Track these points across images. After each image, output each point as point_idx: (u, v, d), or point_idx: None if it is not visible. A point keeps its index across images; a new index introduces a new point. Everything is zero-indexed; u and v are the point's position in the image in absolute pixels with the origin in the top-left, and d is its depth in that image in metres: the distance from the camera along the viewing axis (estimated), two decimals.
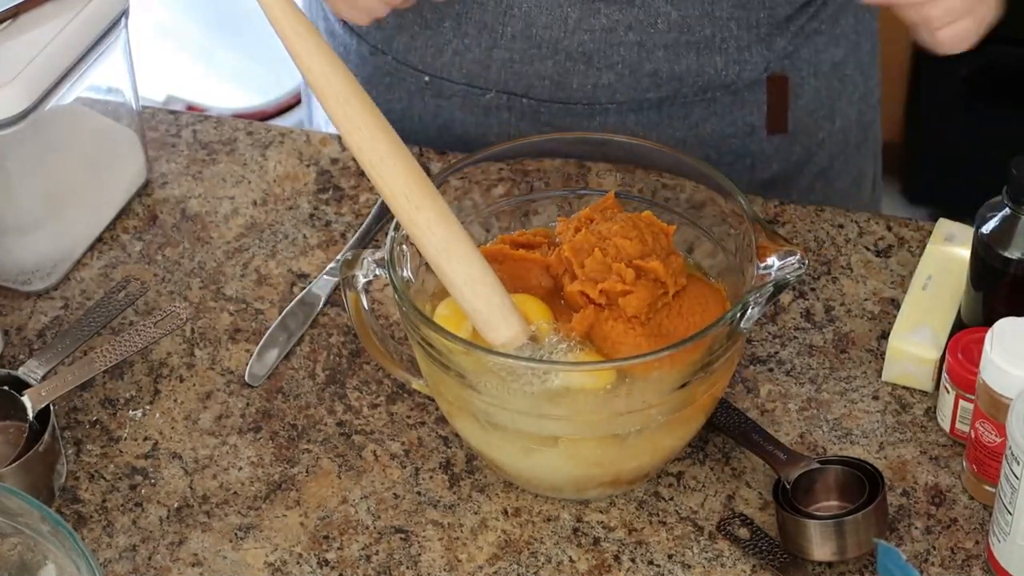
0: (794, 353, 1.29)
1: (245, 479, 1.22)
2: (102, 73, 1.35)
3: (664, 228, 1.19)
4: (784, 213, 1.40)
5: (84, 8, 1.31)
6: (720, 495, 1.20)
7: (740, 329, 1.12)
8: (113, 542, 1.18)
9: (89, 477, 1.22)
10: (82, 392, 1.27)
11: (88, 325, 1.26)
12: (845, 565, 1.16)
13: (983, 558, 1.16)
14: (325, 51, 1.11)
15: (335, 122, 1.12)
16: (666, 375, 1.11)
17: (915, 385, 1.26)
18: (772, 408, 1.25)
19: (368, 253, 1.18)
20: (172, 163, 1.46)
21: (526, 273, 1.20)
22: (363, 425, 1.25)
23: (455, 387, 1.14)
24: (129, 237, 1.40)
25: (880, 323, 1.31)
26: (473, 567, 1.17)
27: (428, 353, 1.14)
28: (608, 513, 1.19)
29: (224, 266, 1.37)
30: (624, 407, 1.12)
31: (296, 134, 1.48)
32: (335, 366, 1.29)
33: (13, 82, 1.25)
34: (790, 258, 1.12)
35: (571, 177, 1.25)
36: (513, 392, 1.12)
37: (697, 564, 1.16)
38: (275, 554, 1.17)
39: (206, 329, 1.32)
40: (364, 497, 1.21)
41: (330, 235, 1.39)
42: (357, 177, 1.44)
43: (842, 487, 1.17)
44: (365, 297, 1.18)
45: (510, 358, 1.12)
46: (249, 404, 1.27)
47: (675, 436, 1.17)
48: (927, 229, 1.37)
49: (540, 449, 1.15)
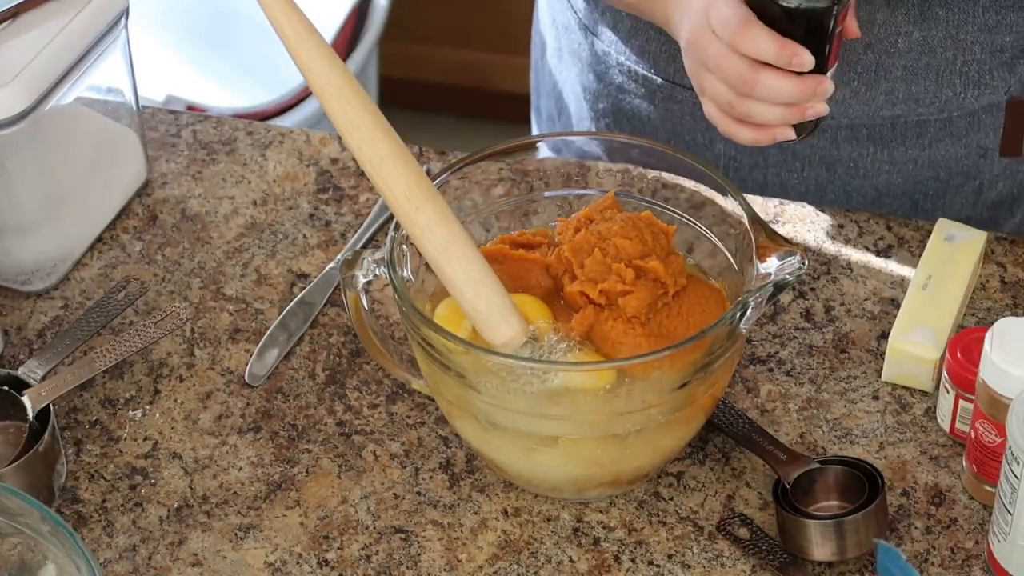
0: (794, 353, 1.29)
1: (245, 479, 1.22)
2: (102, 73, 1.35)
3: (664, 228, 1.19)
4: (784, 213, 1.40)
5: (84, 8, 1.31)
6: (720, 495, 1.20)
7: (740, 329, 1.12)
8: (113, 542, 1.18)
9: (89, 477, 1.22)
10: (82, 392, 1.27)
11: (88, 325, 1.27)
12: (845, 565, 1.16)
13: (983, 558, 1.16)
14: (325, 51, 1.11)
15: (335, 122, 1.12)
16: (666, 375, 1.11)
17: (915, 385, 1.26)
18: (772, 408, 1.25)
19: (368, 253, 1.18)
20: (172, 163, 1.46)
21: (526, 273, 1.20)
22: (363, 425, 1.25)
23: (455, 387, 1.14)
24: (129, 237, 1.40)
25: (880, 323, 1.31)
26: (473, 567, 1.17)
27: (428, 353, 1.14)
28: (608, 513, 1.19)
29: (224, 266, 1.37)
30: (624, 407, 1.12)
31: (296, 134, 1.48)
32: (335, 366, 1.29)
33: (13, 82, 1.25)
34: (790, 258, 1.12)
35: (571, 177, 1.25)
36: (513, 392, 1.12)
37: (697, 564, 1.16)
38: (275, 554, 1.17)
39: (206, 329, 1.32)
40: (364, 497, 1.21)
41: (330, 235, 1.39)
42: (357, 177, 1.44)
43: (842, 487, 1.17)
44: (365, 297, 1.18)
45: (510, 358, 1.12)
46: (249, 404, 1.27)
47: (675, 436, 1.17)
48: (927, 229, 1.37)
49: (540, 449, 1.15)
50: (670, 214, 1.22)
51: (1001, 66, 1.38)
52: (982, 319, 1.31)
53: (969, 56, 1.36)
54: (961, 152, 1.42)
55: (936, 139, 1.41)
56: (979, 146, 1.42)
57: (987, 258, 1.35)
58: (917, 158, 1.42)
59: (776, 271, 1.12)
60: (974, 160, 1.43)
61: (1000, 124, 1.41)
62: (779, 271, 1.12)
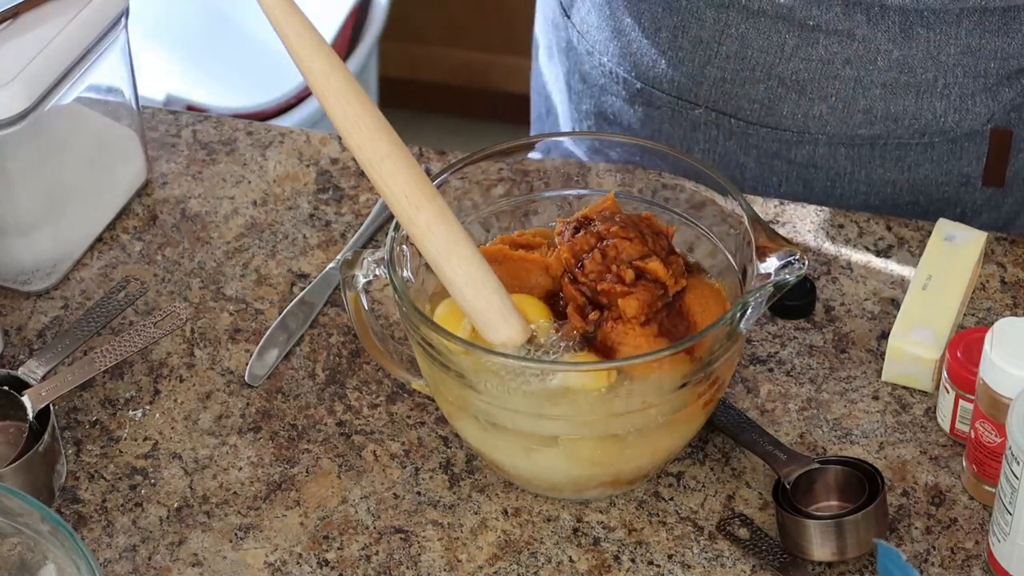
0: (794, 353, 1.29)
1: (245, 479, 1.22)
2: (102, 73, 1.35)
3: (664, 228, 1.19)
4: (784, 213, 1.40)
5: (84, 8, 1.31)
6: (720, 495, 1.20)
7: (740, 329, 1.12)
8: (113, 542, 1.18)
9: (89, 477, 1.22)
10: (82, 392, 1.27)
11: (88, 325, 1.27)
12: (845, 565, 1.16)
13: (983, 558, 1.16)
14: (325, 51, 1.11)
15: (335, 122, 1.12)
16: (666, 375, 1.11)
17: (915, 385, 1.26)
18: (772, 408, 1.25)
19: (368, 253, 1.18)
20: (172, 163, 1.46)
21: (526, 273, 1.20)
22: (363, 425, 1.25)
23: (455, 387, 1.14)
24: (129, 237, 1.40)
25: (880, 323, 1.31)
26: (473, 567, 1.17)
27: (428, 353, 1.14)
28: (608, 513, 1.19)
29: (224, 266, 1.37)
30: (624, 407, 1.12)
31: (296, 134, 1.48)
32: (335, 366, 1.29)
33: (13, 82, 1.25)
34: (790, 258, 1.12)
35: (571, 177, 1.25)
36: (513, 392, 1.12)
37: (697, 564, 1.16)
38: (275, 554, 1.17)
39: (206, 329, 1.32)
40: (364, 497, 1.21)
41: (330, 235, 1.39)
42: (357, 177, 1.44)
43: (842, 487, 1.17)
44: (365, 297, 1.18)
45: (510, 358, 1.12)
46: (249, 404, 1.27)
47: (675, 436, 1.17)
48: (927, 229, 1.37)
49: (540, 449, 1.15)
50: (670, 214, 1.22)
51: (984, 91, 1.37)
52: (982, 319, 1.31)
53: (951, 79, 1.36)
54: (942, 179, 1.41)
55: (916, 163, 1.40)
56: (961, 174, 1.41)
57: (987, 258, 1.35)
58: (896, 181, 1.42)
59: (776, 271, 1.12)
60: (955, 188, 1.42)
61: (983, 153, 1.40)
62: (779, 271, 1.12)
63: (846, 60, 1.34)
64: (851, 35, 1.32)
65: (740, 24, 1.35)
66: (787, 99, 1.37)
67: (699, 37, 1.37)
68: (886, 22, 1.32)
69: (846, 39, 1.32)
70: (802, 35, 1.33)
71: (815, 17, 1.31)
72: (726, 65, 1.37)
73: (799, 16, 1.32)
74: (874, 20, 1.31)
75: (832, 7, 1.30)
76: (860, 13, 1.30)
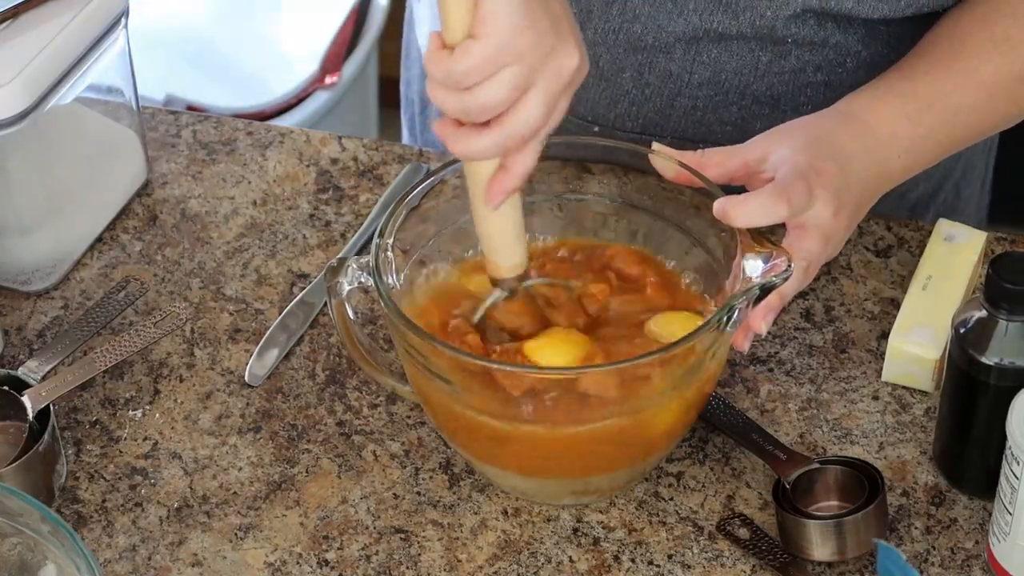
0: (794, 353, 1.29)
1: (245, 479, 1.22)
2: (102, 73, 1.35)
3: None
4: None
5: (84, 8, 1.31)
6: (720, 495, 1.20)
7: (727, 332, 1.12)
8: (113, 542, 1.19)
9: (89, 477, 1.22)
10: (82, 392, 1.27)
11: (88, 325, 1.27)
12: (845, 565, 1.16)
13: (983, 558, 1.16)
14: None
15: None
16: (655, 379, 1.11)
17: (915, 385, 1.26)
18: (772, 408, 1.25)
19: (353, 260, 1.17)
20: (172, 163, 1.46)
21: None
22: (363, 425, 1.25)
23: (440, 393, 1.14)
24: (129, 237, 1.40)
25: (880, 323, 1.31)
26: (473, 567, 1.17)
27: (414, 359, 1.13)
28: (608, 513, 1.19)
29: (224, 266, 1.37)
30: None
31: (296, 134, 1.48)
32: (335, 366, 1.29)
33: (13, 82, 1.25)
34: (776, 260, 1.12)
35: (570, 179, 1.25)
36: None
37: (697, 564, 1.16)
38: (275, 554, 1.18)
39: (206, 329, 1.32)
40: (364, 497, 1.21)
41: (330, 235, 1.39)
42: (357, 177, 1.44)
43: (842, 487, 1.17)
44: (349, 305, 1.18)
45: (494, 365, 1.12)
46: (249, 404, 1.27)
47: (666, 438, 1.17)
48: (927, 229, 1.37)
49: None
50: (663, 220, 1.22)
51: None
52: None
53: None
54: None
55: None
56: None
57: (987, 258, 1.35)
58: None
59: (762, 273, 1.12)
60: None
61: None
62: (765, 273, 1.12)
63: (817, 67, 1.33)
64: (824, 43, 1.32)
65: (712, 50, 1.33)
66: (760, 116, 1.36)
67: (668, 70, 1.34)
68: (854, 25, 1.32)
69: (819, 47, 1.32)
70: (775, 48, 1.32)
71: (793, 34, 1.31)
72: (698, 93, 1.35)
73: (778, 35, 1.31)
74: (843, 26, 1.31)
75: (807, 21, 1.30)
76: (831, 22, 1.30)
